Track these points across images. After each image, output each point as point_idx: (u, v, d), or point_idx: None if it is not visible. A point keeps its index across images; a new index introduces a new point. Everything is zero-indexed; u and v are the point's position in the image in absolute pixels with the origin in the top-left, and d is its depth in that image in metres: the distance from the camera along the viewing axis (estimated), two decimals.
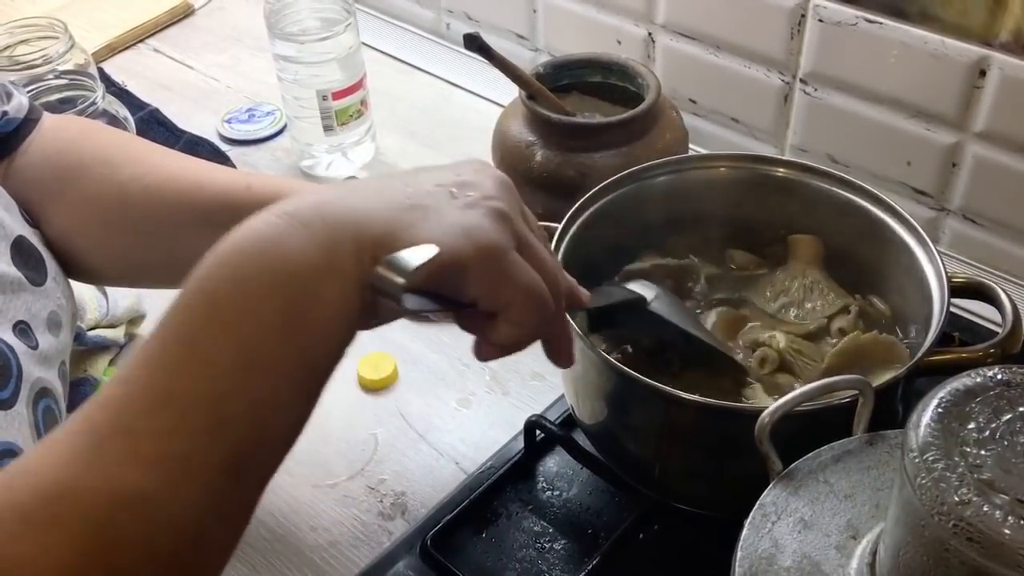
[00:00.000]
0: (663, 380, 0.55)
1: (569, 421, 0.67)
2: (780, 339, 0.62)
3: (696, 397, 0.54)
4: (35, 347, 0.49)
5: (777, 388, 0.61)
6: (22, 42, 0.98)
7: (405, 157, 0.97)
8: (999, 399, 0.38)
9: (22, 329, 0.48)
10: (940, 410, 0.38)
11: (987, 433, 0.37)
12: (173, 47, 1.15)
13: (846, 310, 0.66)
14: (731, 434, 0.54)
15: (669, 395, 0.55)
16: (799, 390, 0.48)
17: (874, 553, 0.43)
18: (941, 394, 0.38)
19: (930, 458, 0.36)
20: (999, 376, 0.39)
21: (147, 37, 1.16)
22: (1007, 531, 0.34)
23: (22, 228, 0.51)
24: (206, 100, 1.06)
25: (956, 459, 0.36)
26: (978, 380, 0.39)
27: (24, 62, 0.95)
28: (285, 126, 1.01)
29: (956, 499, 0.35)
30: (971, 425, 0.37)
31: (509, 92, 0.82)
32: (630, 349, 0.63)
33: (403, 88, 1.06)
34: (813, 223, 0.68)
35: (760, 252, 0.71)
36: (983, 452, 0.36)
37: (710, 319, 0.66)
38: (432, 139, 0.99)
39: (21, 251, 0.50)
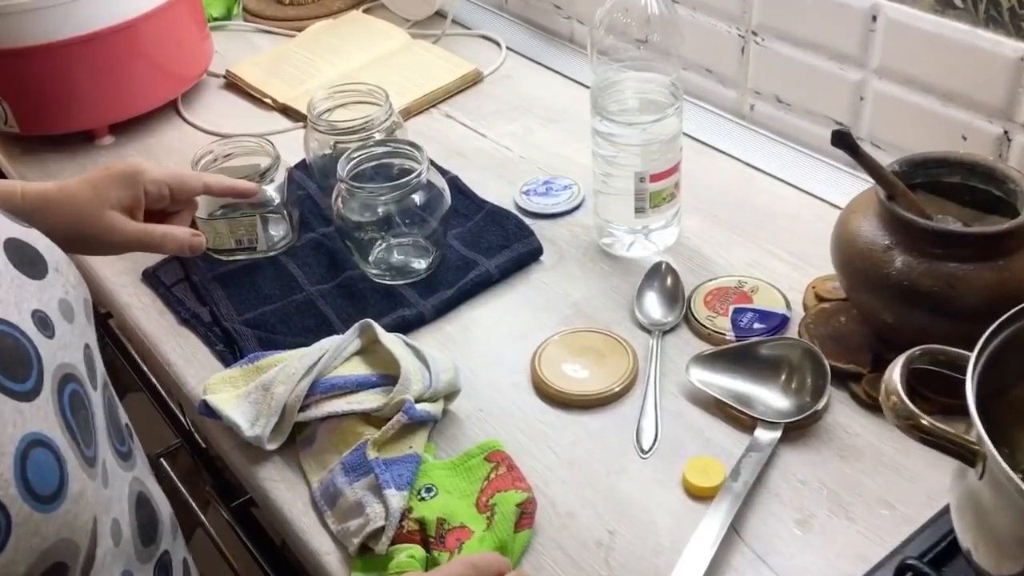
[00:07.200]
0: None
1: (941, 560, 0.60)
2: None
3: None
4: (52, 336, 0.51)
5: None
6: (341, 106, 1.02)
7: (709, 241, 0.93)
8: None
9: (40, 318, 0.51)
10: None
11: None
12: (464, 113, 1.17)
13: None
14: None
15: None
16: None
17: None
18: None
19: None
20: None
21: (439, 103, 1.18)
22: None
23: (11, 231, 0.54)
24: (500, 169, 1.06)
25: None
26: None
27: (342, 128, 0.98)
28: (583, 201, 0.99)
29: None
30: None
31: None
32: None
33: (703, 170, 1.02)
34: None
35: None
36: None
37: None
38: (735, 224, 0.95)
39: (12, 250, 0.53)
